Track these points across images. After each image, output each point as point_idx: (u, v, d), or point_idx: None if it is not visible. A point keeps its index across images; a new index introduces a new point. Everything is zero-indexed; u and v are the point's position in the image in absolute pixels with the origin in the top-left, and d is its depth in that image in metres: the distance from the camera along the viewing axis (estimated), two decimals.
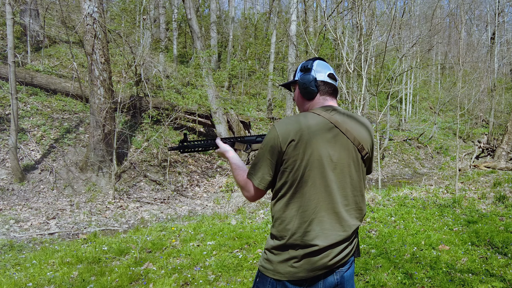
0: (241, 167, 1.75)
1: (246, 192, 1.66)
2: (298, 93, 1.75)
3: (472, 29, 32.02)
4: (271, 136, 1.57)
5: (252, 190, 1.64)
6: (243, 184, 1.67)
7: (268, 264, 1.60)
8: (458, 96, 10.26)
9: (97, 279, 3.71)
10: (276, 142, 1.54)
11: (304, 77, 1.70)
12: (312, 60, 1.75)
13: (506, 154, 11.91)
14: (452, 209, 6.16)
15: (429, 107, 23.92)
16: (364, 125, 1.72)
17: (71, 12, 14.35)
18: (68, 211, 7.20)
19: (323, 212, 1.56)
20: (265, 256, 1.62)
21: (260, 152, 1.61)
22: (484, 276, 3.58)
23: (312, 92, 1.69)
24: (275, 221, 1.60)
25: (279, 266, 1.57)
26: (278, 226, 1.58)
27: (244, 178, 1.67)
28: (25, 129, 8.57)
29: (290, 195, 1.56)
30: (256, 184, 1.60)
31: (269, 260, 1.60)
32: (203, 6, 21.95)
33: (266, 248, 1.63)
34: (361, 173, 1.69)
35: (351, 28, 19.21)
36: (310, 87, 1.69)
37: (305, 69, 1.72)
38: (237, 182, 1.72)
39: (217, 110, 11.32)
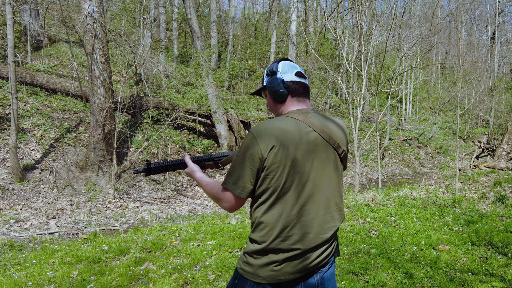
0: (211, 182, 1.70)
1: (225, 203, 1.58)
2: (270, 98, 1.71)
3: (472, 29, 32.01)
4: (250, 143, 1.50)
5: (233, 200, 1.57)
6: (220, 196, 1.60)
7: (248, 267, 1.58)
8: (458, 96, 10.27)
9: (97, 279, 3.71)
10: (256, 149, 1.49)
11: (271, 81, 1.67)
12: (276, 62, 1.71)
13: (506, 154, 11.91)
14: (452, 209, 6.16)
15: (429, 107, 23.91)
16: (338, 125, 1.72)
17: (71, 11, 14.35)
18: (68, 210, 7.20)
19: (306, 217, 1.56)
20: (245, 259, 1.60)
21: (238, 160, 1.53)
22: (484, 276, 3.58)
23: (282, 94, 1.66)
24: (256, 227, 1.57)
25: (259, 270, 1.55)
26: (260, 231, 1.55)
27: (219, 190, 1.61)
28: (25, 129, 8.57)
29: (272, 201, 1.53)
30: (238, 193, 1.53)
31: (249, 263, 1.58)
32: (203, 6, 21.94)
33: (246, 252, 1.60)
34: (339, 174, 1.69)
35: (351, 28, 19.21)
36: (279, 90, 1.65)
37: (271, 72, 1.68)
38: (212, 195, 1.65)
39: (217, 110, 11.32)
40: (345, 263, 3.95)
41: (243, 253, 1.63)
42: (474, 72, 16.92)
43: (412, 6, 23.21)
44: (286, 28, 14.80)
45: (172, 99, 11.43)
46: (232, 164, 1.56)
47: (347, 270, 3.78)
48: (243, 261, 1.60)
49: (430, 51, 24.85)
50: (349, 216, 5.84)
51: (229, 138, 11.49)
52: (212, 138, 11.87)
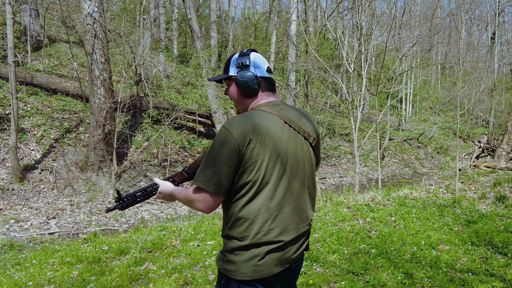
0: (184, 188, 1.65)
1: (199, 203, 1.50)
2: (236, 90, 1.66)
3: (472, 29, 32.01)
4: (225, 139, 1.45)
5: (209, 199, 1.48)
6: (193, 197, 1.52)
7: (229, 266, 1.54)
8: (458, 96, 10.27)
9: (97, 279, 3.71)
10: (233, 145, 1.45)
11: (243, 75, 1.61)
12: (247, 55, 1.64)
13: (506, 154, 11.91)
14: (452, 209, 6.17)
15: (429, 107, 23.91)
16: (305, 115, 1.72)
17: (71, 11, 14.35)
18: (68, 210, 7.20)
19: (285, 208, 1.55)
20: (225, 258, 1.56)
21: (211, 157, 1.47)
22: (484, 276, 3.58)
23: (254, 90, 1.62)
24: (234, 222, 1.53)
25: (242, 266, 1.52)
26: (239, 227, 1.51)
27: (191, 192, 1.53)
28: (25, 129, 8.57)
29: (251, 195, 1.50)
30: (213, 191, 1.46)
31: (230, 261, 1.54)
32: (203, 6, 21.94)
33: (225, 250, 1.56)
34: (312, 163, 1.70)
35: (351, 28, 19.21)
36: (252, 86, 1.62)
37: (243, 65, 1.62)
38: (185, 199, 1.57)
39: (217, 110, 11.32)
40: (345, 263, 3.95)
41: (221, 252, 1.60)
42: (474, 72, 16.92)
43: (412, 6, 23.21)
44: (286, 28, 14.80)
45: (172, 99, 11.43)
46: (204, 162, 1.49)
47: (347, 270, 3.78)
48: (223, 261, 1.57)
49: (430, 51, 24.85)
50: (349, 216, 5.84)
51: None
52: (212, 138, 11.87)
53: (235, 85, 1.66)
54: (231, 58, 1.67)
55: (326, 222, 5.55)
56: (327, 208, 6.39)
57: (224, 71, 1.69)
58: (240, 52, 1.68)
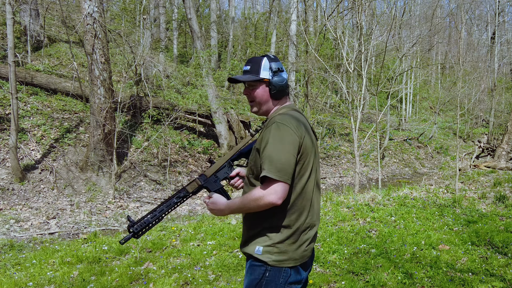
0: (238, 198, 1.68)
1: (271, 195, 1.55)
2: (266, 92, 1.76)
3: (472, 29, 32.00)
4: (286, 133, 1.59)
5: (281, 189, 1.56)
6: (263, 192, 1.56)
7: (282, 256, 1.62)
8: (458, 96, 10.27)
9: (97, 279, 3.71)
10: (294, 137, 1.59)
11: (280, 79, 1.74)
12: (278, 60, 1.79)
13: (506, 154, 11.91)
14: (452, 209, 6.17)
15: (429, 107, 23.91)
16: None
17: (71, 11, 14.35)
18: (68, 210, 7.20)
19: (316, 195, 1.74)
20: (276, 249, 1.63)
21: (276, 150, 1.57)
22: (484, 276, 3.58)
23: (284, 93, 1.78)
24: (286, 212, 1.63)
25: (295, 254, 1.64)
26: (291, 215, 1.64)
27: (256, 192, 1.58)
28: (25, 129, 8.57)
29: (302, 185, 1.65)
30: (285, 180, 1.56)
31: (283, 251, 1.63)
32: (203, 6, 21.94)
33: (275, 242, 1.63)
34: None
35: (351, 28, 19.20)
36: (285, 89, 1.76)
37: (278, 69, 1.75)
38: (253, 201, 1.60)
39: (217, 110, 11.32)
40: (345, 263, 3.95)
41: (267, 245, 1.64)
42: (474, 72, 16.92)
43: (412, 6, 23.20)
44: (286, 28, 14.79)
45: (172, 99, 11.42)
46: (270, 156, 1.57)
47: (347, 270, 3.78)
48: (273, 253, 1.63)
49: (430, 51, 24.85)
50: (349, 216, 5.84)
51: (229, 138, 11.49)
52: (212, 138, 11.87)
53: (266, 87, 1.76)
54: (260, 60, 1.76)
55: (326, 222, 5.55)
56: (327, 208, 6.39)
57: (252, 73, 1.76)
58: (267, 56, 1.78)
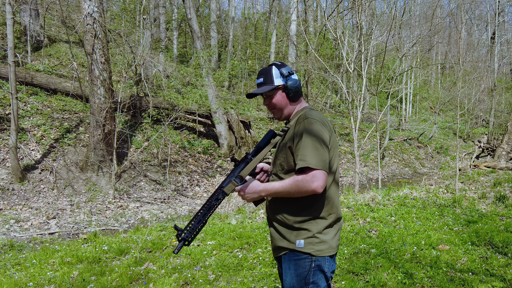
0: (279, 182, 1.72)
1: (314, 182, 1.61)
2: (284, 97, 1.84)
3: (472, 29, 32.00)
4: (319, 128, 1.68)
5: (324, 177, 1.64)
6: (306, 178, 1.62)
7: (323, 245, 1.71)
8: (458, 95, 10.27)
9: (97, 279, 3.71)
10: (325, 132, 1.69)
11: (292, 82, 1.82)
12: (284, 65, 1.86)
13: (506, 153, 11.90)
14: (452, 209, 6.16)
15: (429, 107, 23.91)
16: None
17: (71, 12, 14.35)
18: (68, 210, 7.20)
19: (337, 190, 1.85)
20: (316, 240, 1.70)
21: (312, 142, 1.65)
22: (484, 276, 3.58)
23: (300, 94, 1.87)
24: (321, 202, 1.72)
25: (333, 242, 1.75)
26: (326, 206, 1.74)
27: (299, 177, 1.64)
28: (25, 129, 8.57)
29: (330, 177, 1.76)
30: (326, 169, 1.65)
31: (323, 241, 1.71)
32: (203, 6, 21.93)
33: (315, 233, 1.70)
34: None
35: (351, 28, 19.21)
36: (300, 90, 1.86)
37: (289, 73, 1.83)
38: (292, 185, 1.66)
39: (217, 110, 11.32)
40: (345, 263, 3.95)
41: (309, 237, 1.71)
42: (474, 72, 16.92)
43: (412, 6, 23.20)
44: (286, 28, 14.80)
45: (172, 99, 11.42)
46: (308, 147, 1.66)
47: (347, 270, 3.78)
48: (316, 243, 1.71)
49: (430, 51, 24.85)
50: (349, 216, 5.83)
51: (229, 138, 11.49)
52: (212, 138, 11.87)
53: (282, 92, 1.84)
54: (270, 70, 1.84)
55: None
56: None
57: (266, 84, 1.83)
58: (275, 64, 1.86)
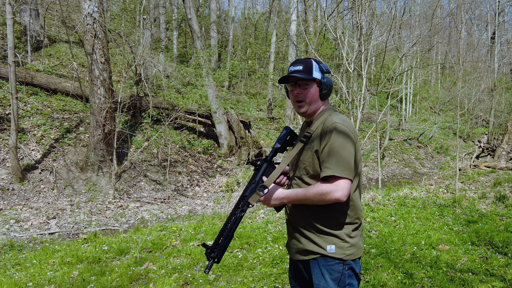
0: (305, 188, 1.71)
1: (339, 192, 1.62)
2: (317, 92, 1.82)
3: (472, 29, 32.01)
4: (347, 134, 1.69)
5: (348, 186, 1.64)
6: (330, 187, 1.62)
7: (352, 249, 1.74)
8: (458, 95, 10.26)
9: (97, 279, 3.71)
10: (353, 139, 1.70)
11: (329, 80, 1.82)
12: (321, 62, 1.86)
13: (506, 153, 11.90)
14: (452, 208, 6.16)
15: (429, 107, 23.91)
16: None
17: (71, 12, 14.36)
18: (68, 210, 7.20)
19: (361, 191, 1.87)
20: (347, 244, 1.73)
21: (341, 150, 1.65)
22: (484, 275, 3.58)
23: (329, 94, 1.86)
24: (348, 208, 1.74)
25: (360, 243, 1.80)
26: (352, 211, 1.76)
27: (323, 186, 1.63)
28: (25, 129, 8.57)
29: (356, 182, 1.77)
30: (351, 177, 1.66)
31: (352, 244, 1.74)
32: (203, 6, 21.94)
33: (346, 237, 1.72)
34: None
35: (351, 28, 19.19)
36: (331, 91, 1.85)
37: (327, 71, 1.82)
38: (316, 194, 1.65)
39: (217, 110, 11.32)
40: None
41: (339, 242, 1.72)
42: (474, 72, 16.92)
43: (412, 6, 23.20)
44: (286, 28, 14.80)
45: (172, 99, 11.42)
46: (335, 155, 1.66)
47: None
48: (346, 248, 1.73)
49: (430, 51, 24.85)
50: None
51: (229, 138, 11.49)
52: (212, 138, 11.87)
53: (317, 87, 1.83)
54: (310, 62, 1.83)
55: None
56: None
57: (305, 72, 1.80)
58: (314, 60, 1.85)
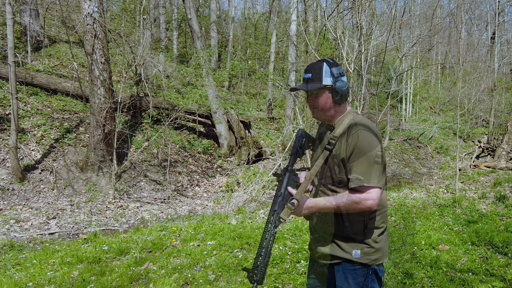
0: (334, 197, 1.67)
1: (370, 200, 1.62)
2: (330, 98, 1.72)
3: (472, 29, 32.01)
4: (373, 142, 1.65)
5: (379, 195, 1.63)
6: (362, 197, 1.61)
7: (377, 254, 1.72)
8: (458, 95, 10.27)
9: (98, 279, 3.71)
10: (380, 146, 1.67)
11: (340, 84, 1.69)
12: (336, 64, 1.72)
13: (506, 153, 11.90)
14: (452, 208, 6.16)
15: (429, 107, 23.90)
16: None
17: (71, 12, 14.36)
18: (68, 211, 7.20)
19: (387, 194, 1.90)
20: (372, 249, 1.71)
21: (371, 158, 1.63)
22: (484, 275, 3.58)
23: (346, 97, 1.73)
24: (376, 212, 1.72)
25: (385, 248, 1.77)
26: (379, 215, 1.74)
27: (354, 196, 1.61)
28: (25, 129, 8.57)
29: (383, 187, 1.74)
30: (382, 186, 1.65)
31: (378, 249, 1.72)
32: (203, 6, 21.94)
33: (372, 243, 1.70)
34: None
35: (351, 28, 19.19)
36: (347, 94, 1.72)
37: (340, 74, 1.70)
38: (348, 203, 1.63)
39: (217, 110, 11.32)
40: None
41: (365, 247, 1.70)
42: (474, 72, 16.92)
43: (412, 6, 23.20)
44: (286, 28, 14.79)
45: (172, 99, 11.42)
46: (367, 163, 1.62)
47: None
48: (372, 253, 1.71)
49: (430, 51, 24.85)
50: None
51: (229, 138, 11.49)
52: (212, 138, 11.87)
53: (328, 93, 1.72)
54: (321, 67, 1.70)
55: None
56: None
57: (314, 81, 1.69)
58: (326, 62, 1.72)
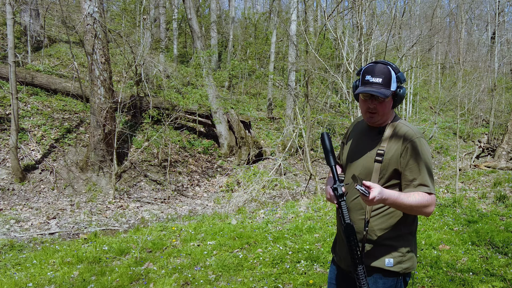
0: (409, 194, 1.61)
1: (432, 207, 1.64)
2: (391, 103, 1.70)
3: (472, 29, 32.00)
4: (427, 148, 1.68)
5: (435, 201, 1.66)
6: (429, 202, 1.61)
7: (409, 262, 1.71)
8: (458, 95, 10.28)
9: (98, 279, 3.71)
10: (430, 153, 1.71)
11: (404, 91, 1.70)
12: (398, 69, 1.69)
13: (506, 153, 11.90)
14: (453, 208, 6.16)
15: (429, 107, 23.90)
16: None
17: (71, 12, 14.35)
18: (68, 211, 7.20)
19: None
20: (404, 258, 1.70)
21: (429, 166, 1.65)
22: (485, 275, 3.58)
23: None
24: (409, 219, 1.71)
25: (415, 257, 1.76)
26: (412, 222, 1.74)
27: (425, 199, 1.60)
28: (25, 129, 8.57)
29: None
30: (435, 193, 1.67)
31: (409, 258, 1.71)
32: (203, 6, 21.94)
33: (405, 251, 1.70)
34: None
35: (351, 28, 19.21)
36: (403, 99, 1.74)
37: (404, 81, 1.71)
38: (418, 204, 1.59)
39: (218, 110, 11.32)
40: None
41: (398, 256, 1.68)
42: (474, 72, 16.92)
43: (412, 6, 23.20)
44: (286, 28, 14.80)
45: (173, 99, 11.42)
46: (427, 171, 1.65)
47: None
48: (404, 261, 1.69)
49: (430, 51, 24.85)
50: None
51: (229, 138, 11.49)
52: (212, 138, 11.87)
53: (391, 99, 1.70)
54: (389, 72, 1.66)
55: (327, 222, 5.56)
56: (327, 208, 6.40)
57: (384, 86, 1.65)
58: (391, 66, 1.69)
